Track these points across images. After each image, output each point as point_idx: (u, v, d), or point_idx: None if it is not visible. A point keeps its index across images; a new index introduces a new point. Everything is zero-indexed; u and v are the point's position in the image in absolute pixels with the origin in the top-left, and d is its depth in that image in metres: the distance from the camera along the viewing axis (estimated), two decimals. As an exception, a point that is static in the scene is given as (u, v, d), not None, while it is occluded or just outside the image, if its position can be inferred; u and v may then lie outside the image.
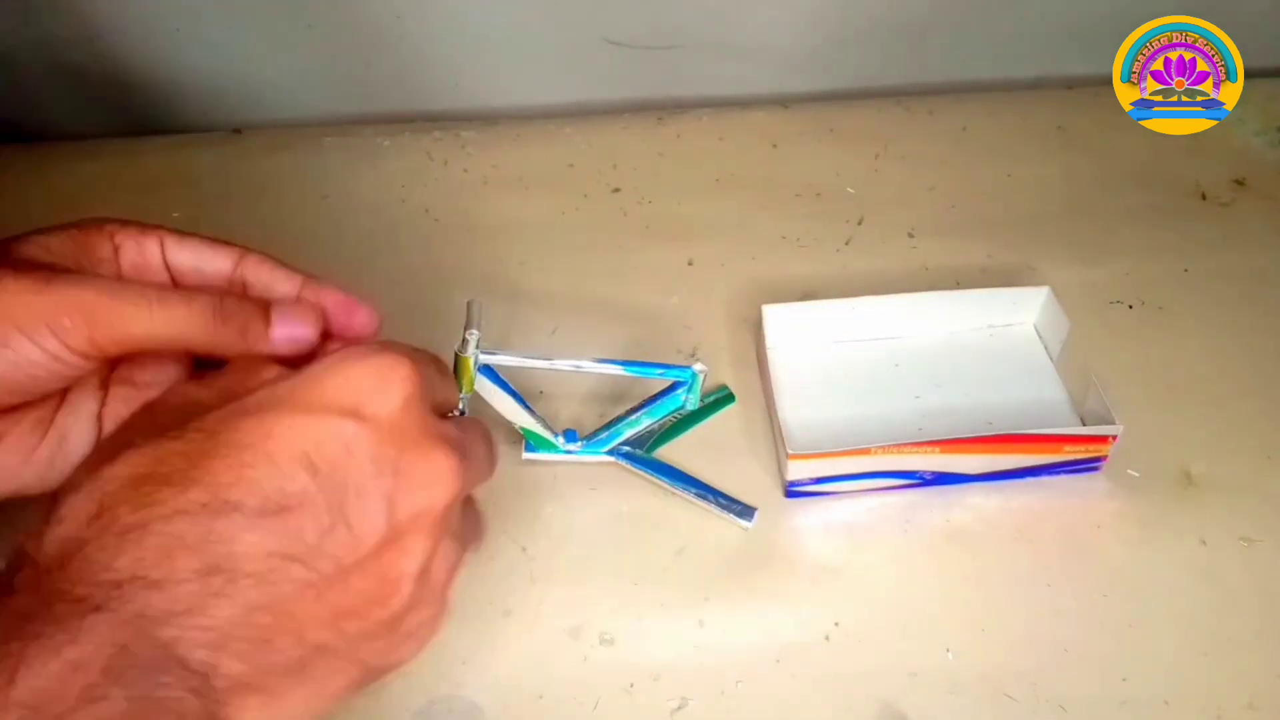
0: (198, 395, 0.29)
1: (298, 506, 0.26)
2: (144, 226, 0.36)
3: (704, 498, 0.45)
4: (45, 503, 0.26)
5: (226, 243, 0.37)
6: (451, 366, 0.41)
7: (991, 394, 0.49)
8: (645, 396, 0.46)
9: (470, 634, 0.41)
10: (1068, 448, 0.44)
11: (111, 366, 0.35)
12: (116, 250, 0.35)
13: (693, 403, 0.44)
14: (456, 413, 0.43)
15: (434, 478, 0.28)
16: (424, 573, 0.29)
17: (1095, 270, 0.56)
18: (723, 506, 0.44)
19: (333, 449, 0.26)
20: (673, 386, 0.44)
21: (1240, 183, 0.62)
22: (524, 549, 0.44)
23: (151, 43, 0.64)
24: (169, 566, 0.24)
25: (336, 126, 0.67)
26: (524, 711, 0.39)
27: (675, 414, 0.46)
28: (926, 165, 0.64)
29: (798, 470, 0.44)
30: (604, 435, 0.46)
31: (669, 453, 0.47)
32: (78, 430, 0.34)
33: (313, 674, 0.27)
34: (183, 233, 0.36)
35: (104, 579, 0.24)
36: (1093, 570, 0.43)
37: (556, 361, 0.42)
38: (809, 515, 0.45)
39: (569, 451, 0.46)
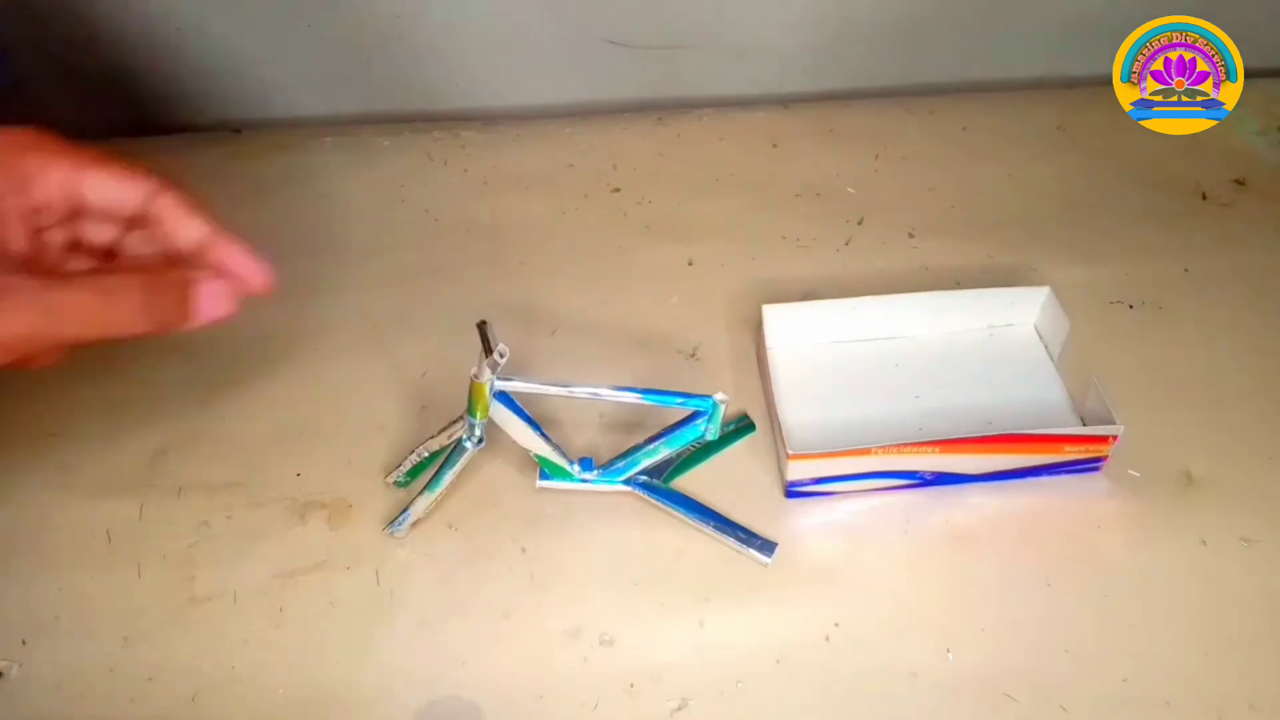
0: None
1: None
2: (53, 151, 0.36)
3: (723, 532, 0.44)
4: None
5: (140, 173, 0.38)
6: (467, 392, 0.41)
7: (991, 394, 0.49)
8: (662, 424, 0.45)
9: (470, 634, 0.41)
10: (1068, 448, 0.44)
11: None
12: (26, 182, 0.35)
13: (713, 433, 0.43)
14: (475, 440, 0.42)
15: None
16: None
17: (1095, 270, 0.56)
18: (742, 541, 0.43)
19: None
20: (692, 416, 0.43)
21: (1240, 183, 0.62)
22: (524, 549, 0.44)
23: (152, 42, 0.64)
24: None
25: (336, 126, 0.67)
26: (524, 712, 0.39)
27: (695, 444, 0.45)
28: (926, 165, 0.64)
29: (798, 470, 0.44)
30: (620, 464, 0.45)
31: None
32: None
33: None
34: (97, 158, 0.37)
35: None
36: (1093, 570, 0.43)
37: (574, 389, 0.41)
38: (809, 515, 0.45)
39: (585, 480, 0.45)
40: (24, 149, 0.36)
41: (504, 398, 0.41)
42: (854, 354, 0.51)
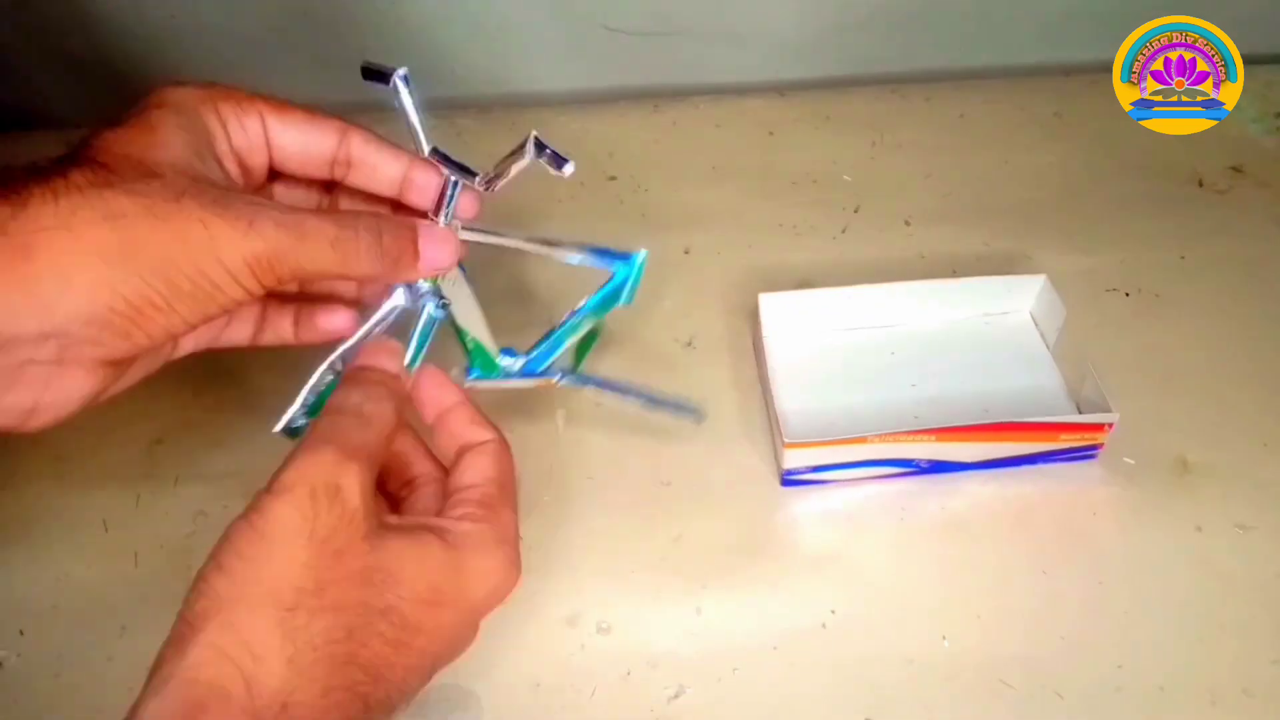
0: (392, 549, 0.32)
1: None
2: (241, 100, 0.36)
3: (653, 406, 0.44)
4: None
5: (326, 117, 0.38)
6: None
7: (988, 382, 0.49)
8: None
9: (467, 622, 0.41)
10: (1064, 436, 0.44)
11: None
12: (227, 134, 0.36)
13: (628, 295, 0.42)
14: (440, 304, 0.40)
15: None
16: None
17: (1092, 258, 0.56)
18: (673, 412, 0.44)
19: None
20: (610, 279, 0.42)
21: (1237, 170, 0.62)
22: (520, 538, 0.44)
23: (145, 29, 0.63)
24: None
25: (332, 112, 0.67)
26: (521, 700, 0.39)
27: (612, 308, 0.43)
28: (923, 153, 0.64)
29: (794, 459, 0.44)
30: (544, 347, 0.43)
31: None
32: (239, 334, 0.40)
33: None
34: (281, 105, 0.37)
35: None
36: (1088, 557, 0.43)
37: (507, 238, 0.41)
38: (805, 504, 0.45)
39: (510, 374, 0.43)
40: (215, 99, 0.36)
41: (462, 268, 0.40)
42: (850, 342, 0.51)
